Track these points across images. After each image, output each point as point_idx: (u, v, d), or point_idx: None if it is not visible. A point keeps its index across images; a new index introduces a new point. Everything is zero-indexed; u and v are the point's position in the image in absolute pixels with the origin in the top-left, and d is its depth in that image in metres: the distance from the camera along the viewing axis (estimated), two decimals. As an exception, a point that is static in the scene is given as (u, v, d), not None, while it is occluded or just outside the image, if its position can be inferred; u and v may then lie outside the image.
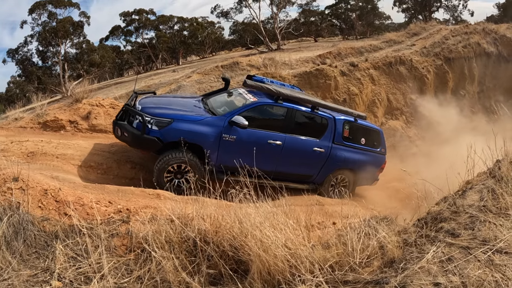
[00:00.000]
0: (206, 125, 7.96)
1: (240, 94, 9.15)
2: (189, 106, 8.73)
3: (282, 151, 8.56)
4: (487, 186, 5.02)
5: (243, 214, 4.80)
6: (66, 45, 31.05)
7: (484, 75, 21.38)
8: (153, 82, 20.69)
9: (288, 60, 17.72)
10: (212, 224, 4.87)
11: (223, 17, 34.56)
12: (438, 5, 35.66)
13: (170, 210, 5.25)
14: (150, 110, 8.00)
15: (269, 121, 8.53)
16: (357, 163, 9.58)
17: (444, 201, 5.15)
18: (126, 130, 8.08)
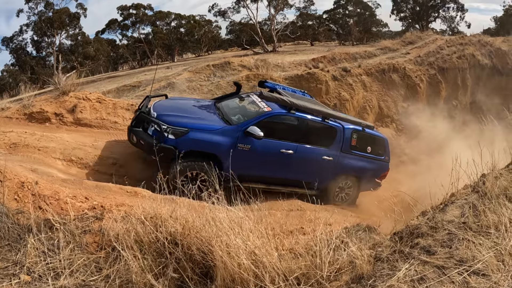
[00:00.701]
0: (221, 135, 8.15)
1: (253, 101, 9.31)
2: (204, 113, 8.89)
3: (293, 160, 8.80)
4: (470, 201, 4.88)
5: (212, 217, 4.69)
6: (61, 36, 31.06)
7: (477, 87, 21.38)
8: (144, 78, 20.57)
9: (280, 62, 17.66)
10: (182, 226, 4.77)
11: (220, 16, 34.39)
12: (435, 16, 35.68)
13: (144, 209, 5.17)
14: (166, 118, 8.15)
15: (281, 130, 8.70)
16: (362, 171, 9.85)
17: (423, 215, 5.06)
18: (142, 137, 8.21)
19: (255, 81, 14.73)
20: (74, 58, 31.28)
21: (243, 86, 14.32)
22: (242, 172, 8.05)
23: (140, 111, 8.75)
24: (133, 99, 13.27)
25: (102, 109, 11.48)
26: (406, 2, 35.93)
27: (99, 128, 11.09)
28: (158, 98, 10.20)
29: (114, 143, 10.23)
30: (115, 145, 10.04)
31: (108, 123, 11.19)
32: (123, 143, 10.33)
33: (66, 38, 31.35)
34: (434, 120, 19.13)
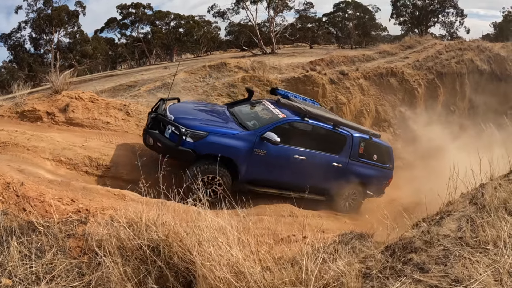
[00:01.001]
0: (239, 140, 8.38)
1: (266, 108, 9.58)
2: (220, 118, 9.14)
3: (304, 165, 9.04)
4: (467, 214, 4.67)
5: (195, 226, 4.54)
6: (59, 33, 30.86)
7: (475, 92, 21.25)
8: (141, 77, 20.46)
9: (277, 65, 17.53)
10: (165, 234, 4.62)
11: (220, 17, 34.30)
12: (435, 20, 35.65)
13: (127, 214, 5.04)
14: (185, 121, 8.34)
15: (295, 137, 8.96)
16: (368, 178, 10.13)
17: (418, 227, 4.87)
18: (159, 140, 8.29)
19: (251, 83, 14.64)
20: (72, 56, 31.04)
21: (238, 88, 14.24)
22: (257, 177, 8.72)
23: (157, 113, 8.80)
24: (126, 99, 13.15)
25: (95, 108, 11.37)
26: (406, 6, 35.94)
27: (90, 128, 10.98)
28: (171, 101, 10.23)
29: (105, 144, 10.10)
30: (105, 146, 9.92)
31: (100, 123, 11.08)
32: (114, 144, 10.21)
33: (64, 36, 31.15)
34: (431, 125, 19.00)
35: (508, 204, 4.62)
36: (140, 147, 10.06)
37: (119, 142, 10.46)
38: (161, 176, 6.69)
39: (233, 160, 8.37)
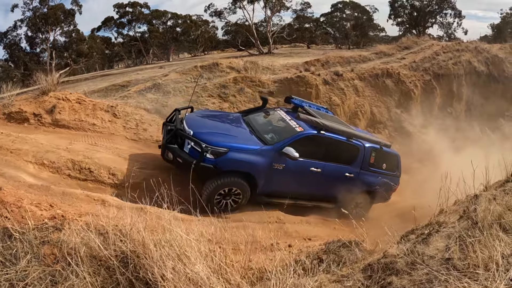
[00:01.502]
0: (258, 155, 8.45)
1: (282, 119, 9.71)
2: (237, 130, 9.23)
3: (320, 177, 9.24)
4: (457, 230, 4.31)
5: (161, 239, 4.34)
6: (55, 32, 30.62)
7: (472, 94, 21.05)
8: (135, 77, 20.29)
9: (271, 65, 17.35)
10: (134, 245, 4.42)
11: (216, 16, 34.13)
12: (433, 21, 35.54)
13: (104, 221, 4.87)
14: (205, 136, 8.37)
15: (311, 149, 9.03)
16: (377, 186, 10.21)
17: (404, 242, 4.57)
18: (179, 156, 8.34)
19: (243, 84, 14.45)
20: (67, 55, 30.86)
21: (230, 89, 14.05)
22: (275, 189, 8.89)
23: (176, 127, 8.75)
24: (116, 100, 12.96)
25: (81, 110, 11.22)
26: (404, 7, 35.78)
27: (77, 130, 10.85)
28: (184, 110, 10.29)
29: (89, 146, 9.93)
30: (89, 149, 9.74)
31: (86, 125, 10.94)
32: (98, 147, 10.03)
33: (60, 34, 30.92)
34: (427, 127, 18.82)
35: (503, 220, 4.25)
36: (125, 151, 9.93)
37: (104, 144, 10.29)
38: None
39: (252, 175, 8.49)
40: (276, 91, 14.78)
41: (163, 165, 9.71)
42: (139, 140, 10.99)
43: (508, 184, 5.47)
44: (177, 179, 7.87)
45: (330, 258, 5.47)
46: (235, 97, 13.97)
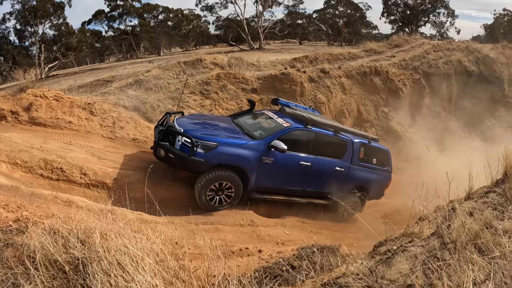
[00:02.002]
0: (248, 149, 8.70)
1: (270, 117, 10.03)
2: (227, 128, 9.51)
3: (310, 171, 9.45)
4: (427, 250, 3.97)
5: (116, 244, 4.12)
6: (44, 25, 30.28)
7: (462, 94, 20.90)
8: (122, 72, 20.08)
9: (256, 61, 17.08)
10: (87, 251, 4.21)
11: (207, 11, 33.96)
12: (426, 20, 35.59)
13: (65, 224, 4.65)
14: (194, 132, 8.60)
15: (300, 144, 9.32)
16: (370, 181, 10.55)
17: (370, 258, 4.33)
18: (170, 151, 8.51)
19: (226, 81, 14.22)
20: (56, 49, 30.53)
21: (212, 86, 13.82)
22: (265, 184, 9.10)
23: (168, 125, 8.96)
24: (96, 96, 12.68)
25: (58, 107, 10.98)
26: (397, 5, 35.73)
27: (53, 128, 10.60)
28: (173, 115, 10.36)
29: (64, 145, 9.68)
30: (64, 148, 9.50)
31: (62, 122, 10.70)
32: (72, 145, 9.80)
33: (49, 28, 30.59)
34: (415, 126, 18.67)
35: (480, 239, 3.88)
36: (100, 150, 9.70)
37: (79, 143, 10.06)
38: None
39: (243, 169, 8.69)
40: (259, 88, 14.56)
41: (139, 165, 9.53)
42: (115, 138, 10.73)
43: (490, 195, 5.14)
44: (152, 180, 7.73)
45: (302, 265, 5.29)
46: (217, 94, 13.73)
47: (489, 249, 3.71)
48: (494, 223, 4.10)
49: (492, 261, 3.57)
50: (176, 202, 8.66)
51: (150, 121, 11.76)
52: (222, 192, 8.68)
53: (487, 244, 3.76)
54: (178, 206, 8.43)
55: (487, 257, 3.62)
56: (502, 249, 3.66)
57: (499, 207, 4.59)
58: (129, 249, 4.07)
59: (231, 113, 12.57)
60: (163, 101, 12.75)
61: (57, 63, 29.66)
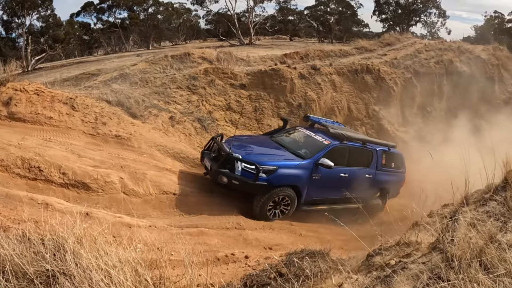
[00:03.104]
0: (301, 169, 9.70)
1: (308, 135, 11.05)
2: (275, 150, 10.49)
3: (347, 181, 10.48)
4: (429, 268, 3.64)
5: (86, 260, 3.79)
6: (32, 17, 29.67)
7: (453, 94, 20.78)
8: (109, 65, 19.68)
9: (246, 56, 16.75)
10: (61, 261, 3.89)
11: (198, 4, 33.53)
12: (417, 20, 35.56)
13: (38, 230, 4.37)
14: (254, 158, 9.49)
15: (338, 158, 10.27)
16: (390, 183, 11.71)
17: (364, 274, 4.01)
18: (234, 178, 9.17)
19: (214, 76, 13.91)
20: (43, 41, 29.96)
21: (200, 81, 13.50)
22: (314, 197, 10.13)
23: (227, 153, 9.48)
24: (80, 90, 12.29)
25: (39, 102, 10.55)
26: (389, 4, 35.60)
27: (33, 124, 10.19)
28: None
29: (42, 142, 9.28)
30: (42, 145, 9.09)
31: (42, 118, 10.28)
32: (52, 142, 9.41)
33: (37, 19, 29.98)
34: (406, 125, 18.50)
35: (485, 255, 3.56)
36: (80, 148, 9.32)
37: (59, 140, 9.67)
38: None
39: (298, 186, 9.71)
40: (248, 84, 14.24)
41: (118, 163, 9.20)
42: (97, 135, 10.33)
43: (491, 204, 4.79)
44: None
45: (291, 272, 5.02)
46: (204, 90, 13.38)
47: (494, 266, 3.42)
48: (498, 236, 3.80)
49: (497, 279, 3.29)
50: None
51: (134, 116, 11.40)
52: (279, 206, 9.61)
53: (492, 261, 3.47)
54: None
55: (492, 275, 3.34)
56: (507, 266, 3.37)
57: (501, 217, 4.30)
58: (102, 263, 3.75)
59: (218, 109, 12.43)
60: (149, 96, 12.38)
61: (44, 55, 29.07)
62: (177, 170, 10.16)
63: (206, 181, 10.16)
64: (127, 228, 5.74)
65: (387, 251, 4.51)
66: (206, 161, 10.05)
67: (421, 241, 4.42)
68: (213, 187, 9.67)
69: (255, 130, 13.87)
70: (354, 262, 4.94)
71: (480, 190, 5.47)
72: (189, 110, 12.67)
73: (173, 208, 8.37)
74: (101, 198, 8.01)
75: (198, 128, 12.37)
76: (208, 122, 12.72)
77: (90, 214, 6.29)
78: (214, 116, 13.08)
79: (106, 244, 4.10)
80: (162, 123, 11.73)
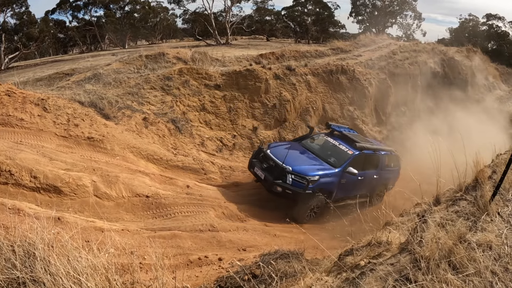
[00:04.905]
0: (334, 176, 11.38)
1: (333, 144, 12.60)
2: (310, 159, 11.90)
3: (362, 182, 12.15)
4: (398, 269, 3.68)
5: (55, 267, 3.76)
6: (6, 14, 29.19)
7: (426, 94, 21.11)
8: (83, 65, 19.54)
9: (221, 56, 16.71)
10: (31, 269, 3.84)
11: (175, 3, 33.44)
12: (393, 21, 36.10)
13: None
14: (303, 170, 10.97)
15: (357, 164, 11.83)
16: (390, 179, 13.47)
17: (334, 275, 4.05)
18: (287, 188, 10.67)
19: (189, 76, 13.86)
20: (17, 38, 29.48)
21: (174, 81, 13.44)
22: (338, 196, 11.67)
23: (283, 167, 10.92)
24: (53, 91, 12.09)
25: (10, 103, 10.29)
26: (365, 6, 36.00)
27: (3, 126, 9.88)
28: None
29: (13, 145, 9.04)
30: (13, 148, 8.85)
31: (13, 120, 10.00)
32: (23, 145, 9.20)
33: (11, 16, 29.51)
34: (380, 126, 18.72)
35: (454, 256, 3.63)
36: (52, 150, 9.17)
37: (30, 142, 9.46)
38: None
39: (331, 191, 11.35)
40: (223, 84, 14.20)
41: (91, 165, 9.09)
42: (69, 137, 10.13)
43: (461, 203, 4.87)
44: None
45: (265, 273, 5.05)
46: (179, 90, 13.30)
47: (463, 266, 3.51)
48: (468, 236, 3.89)
49: (466, 279, 3.38)
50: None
51: (107, 118, 11.25)
52: (314, 209, 11.08)
53: (461, 261, 3.55)
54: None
55: (461, 275, 3.43)
56: (477, 265, 3.46)
57: (471, 217, 4.40)
58: (71, 269, 3.73)
59: (193, 110, 12.66)
60: (122, 97, 12.23)
61: (18, 53, 28.69)
62: (150, 172, 10.08)
63: (180, 183, 10.13)
64: (99, 232, 5.69)
65: (359, 251, 4.54)
66: (257, 170, 11.38)
67: (391, 241, 4.44)
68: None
69: (229, 131, 13.87)
70: (328, 263, 4.96)
71: (452, 189, 5.57)
72: (163, 111, 12.59)
73: (146, 211, 8.28)
74: (73, 202, 7.87)
75: (172, 129, 12.30)
76: (182, 123, 12.66)
77: (62, 219, 6.22)
78: (188, 117, 13.03)
79: (77, 250, 4.05)
80: (135, 125, 11.62)
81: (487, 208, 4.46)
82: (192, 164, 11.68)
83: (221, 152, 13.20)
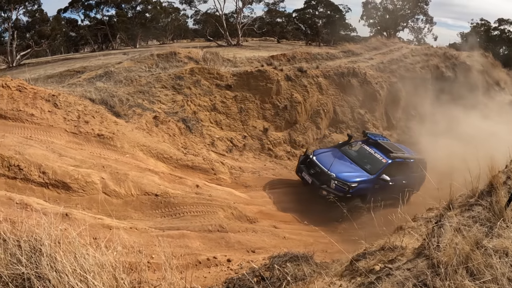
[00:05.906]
0: (370, 182, 12.60)
1: (369, 152, 13.70)
2: (350, 165, 13.11)
3: (392, 186, 12.64)
4: (414, 275, 3.57)
5: (61, 264, 3.70)
6: (18, 11, 29.26)
7: (437, 98, 20.92)
8: (95, 63, 19.51)
9: (233, 57, 16.68)
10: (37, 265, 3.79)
11: (186, 4, 33.39)
12: (404, 25, 35.85)
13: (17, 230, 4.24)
14: (345, 177, 12.27)
15: (389, 171, 12.89)
16: (415, 184, 13.60)
17: (348, 280, 3.93)
18: (332, 193, 11.84)
19: (200, 76, 13.84)
20: (29, 36, 29.57)
21: (185, 81, 13.41)
22: (371, 199, 11.79)
23: (329, 175, 12.25)
24: (64, 87, 12.10)
25: (21, 99, 10.31)
26: (377, 9, 35.81)
27: (14, 121, 9.90)
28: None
29: (23, 140, 9.06)
30: (23, 143, 8.86)
31: (24, 115, 10.01)
32: (32, 140, 9.20)
33: (23, 14, 29.57)
34: (390, 129, 18.59)
35: (471, 262, 3.52)
36: (61, 146, 9.16)
37: (40, 138, 9.45)
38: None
39: (366, 195, 12.40)
40: (234, 84, 14.19)
41: (100, 163, 9.06)
42: (79, 133, 10.13)
43: (476, 208, 4.75)
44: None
45: (274, 276, 4.97)
46: (190, 90, 13.30)
47: (480, 272, 3.39)
48: (484, 241, 3.76)
49: (484, 286, 3.27)
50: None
51: (118, 115, 11.26)
52: (350, 210, 11.23)
53: (478, 267, 3.44)
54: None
55: (478, 282, 3.31)
56: (494, 272, 3.33)
57: (487, 222, 4.28)
58: (78, 267, 3.67)
59: (203, 110, 12.75)
60: (133, 95, 12.24)
61: (29, 51, 28.69)
62: (159, 171, 10.04)
63: (189, 182, 10.08)
64: (107, 230, 5.64)
65: (372, 256, 4.46)
66: (305, 175, 12.84)
67: (406, 246, 4.36)
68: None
69: (239, 132, 13.82)
70: (338, 266, 4.86)
71: (464, 194, 5.45)
72: (174, 110, 12.58)
73: (155, 209, 8.23)
74: (81, 198, 7.85)
75: (183, 128, 12.29)
76: (193, 123, 12.65)
77: (70, 215, 6.18)
78: (199, 117, 13.01)
79: (84, 247, 4.00)
80: (145, 123, 11.61)
81: (502, 214, 4.33)
82: (202, 164, 11.64)
83: (231, 152, 13.17)
